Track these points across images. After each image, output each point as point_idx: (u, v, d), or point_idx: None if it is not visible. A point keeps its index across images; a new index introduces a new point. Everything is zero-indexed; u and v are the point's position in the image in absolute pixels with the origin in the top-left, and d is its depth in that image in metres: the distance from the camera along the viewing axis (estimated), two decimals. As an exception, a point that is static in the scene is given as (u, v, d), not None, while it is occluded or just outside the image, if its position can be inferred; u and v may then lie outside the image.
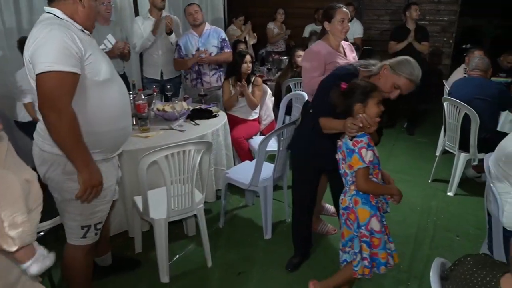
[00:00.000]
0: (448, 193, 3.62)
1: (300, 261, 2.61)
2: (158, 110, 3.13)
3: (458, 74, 4.20)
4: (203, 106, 3.43)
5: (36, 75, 1.59)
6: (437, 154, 4.11)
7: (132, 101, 3.00)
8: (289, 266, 2.59)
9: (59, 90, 1.58)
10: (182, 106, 3.15)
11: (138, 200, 2.48)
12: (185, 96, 3.77)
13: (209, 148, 2.43)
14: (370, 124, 1.81)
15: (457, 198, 3.57)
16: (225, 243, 2.86)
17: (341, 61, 2.57)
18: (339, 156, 2.01)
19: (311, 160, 2.34)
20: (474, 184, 3.81)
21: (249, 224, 3.12)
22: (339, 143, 1.98)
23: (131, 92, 3.28)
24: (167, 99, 3.62)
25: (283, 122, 3.82)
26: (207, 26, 4.04)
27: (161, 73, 4.14)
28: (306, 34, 6.10)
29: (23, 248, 1.29)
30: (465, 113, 3.34)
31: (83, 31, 1.75)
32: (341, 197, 2.03)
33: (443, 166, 3.88)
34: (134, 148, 2.53)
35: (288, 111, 3.83)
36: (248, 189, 2.92)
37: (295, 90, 4.13)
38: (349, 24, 2.59)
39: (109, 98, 1.80)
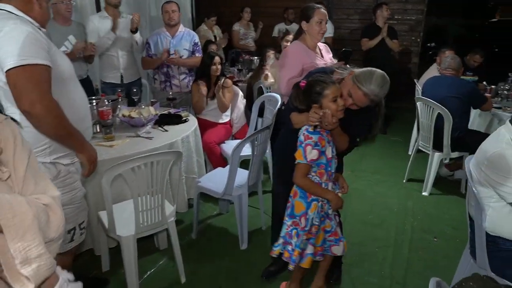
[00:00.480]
0: (423, 193, 3.61)
1: (278, 269, 2.49)
2: (123, 116, 2.93)
3: (432, 73, 4.20)
4: (172, 111, 3.25)
5: (8, 70, 1.51)
6: (410, 153, 4.11)
7: (95, 107, 2.79)
8: (265, 273, 2.48)
9: (37, 82, 1.54)
10: (149, 111, 2.96)
11: (103, 215, 2.28)
12: (152, 100, 3.57)
13: (179, 157, 2.27)
14: (329, 123, 1.81)
15: (432, 197, 3.57)
16: (199, 256, 2.70)
17: (319, 62, 2.53)
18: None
19: (287, 160, 2.26)
20: (448, 183, 3.83)
21: (224, 234, 2.98)
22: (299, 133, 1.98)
23: (94, 98, 3.05)
24: (133, 104, 3.40)
25: (256, 125, 3.70)
26: (181, 28, 3.86)
27: (121, 76, 3.80)
28: (276, 33, 6.01)
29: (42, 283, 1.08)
30: (438, 112, 3.33)
31: (39, 28, 1.68)
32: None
33: (417, 164, 3.89)
34: (98, 158, 2.33)
35: (261, 113, 3.71)
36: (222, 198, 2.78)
37: (267, 92, 4.02)
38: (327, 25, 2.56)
39: (76, 95, 1.79)
